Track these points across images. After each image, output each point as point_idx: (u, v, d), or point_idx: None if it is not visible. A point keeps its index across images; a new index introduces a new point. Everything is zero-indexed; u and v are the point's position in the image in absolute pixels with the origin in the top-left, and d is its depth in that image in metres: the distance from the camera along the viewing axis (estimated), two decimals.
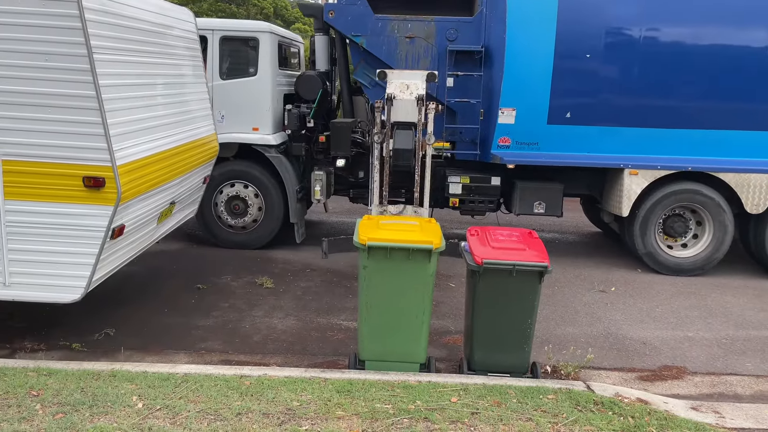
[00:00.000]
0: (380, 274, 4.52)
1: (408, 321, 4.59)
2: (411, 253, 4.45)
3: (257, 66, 8.01)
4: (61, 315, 5.74)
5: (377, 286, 4.55)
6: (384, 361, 4.68)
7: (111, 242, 4.66)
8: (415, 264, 4.48)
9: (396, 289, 4.54)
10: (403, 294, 4.55)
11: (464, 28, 8.02)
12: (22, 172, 4.44)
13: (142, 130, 5.08)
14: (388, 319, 4.60)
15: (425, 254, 4.46)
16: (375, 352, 4.69)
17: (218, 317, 6.00)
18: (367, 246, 4.44)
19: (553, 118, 7.56)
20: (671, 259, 7.76)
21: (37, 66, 4.30)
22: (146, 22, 5.43)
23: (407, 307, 4.57)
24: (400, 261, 4.47)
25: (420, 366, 4.72)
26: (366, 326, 4.65)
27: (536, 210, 8.00)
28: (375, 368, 4.67)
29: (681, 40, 7.36)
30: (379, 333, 4.63)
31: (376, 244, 4.45)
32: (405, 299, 4.56)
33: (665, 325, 6.10)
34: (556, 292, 6.96)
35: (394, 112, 7.02)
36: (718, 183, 7.56)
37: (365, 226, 4.73)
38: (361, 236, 4.51)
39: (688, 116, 7.48)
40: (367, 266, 4.52)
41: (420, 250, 4.44)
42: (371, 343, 4.67)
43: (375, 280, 4.54)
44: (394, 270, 4.50)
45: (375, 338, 4.65)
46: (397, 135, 7.01)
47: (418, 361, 4.70)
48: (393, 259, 4.47)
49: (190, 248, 8.34)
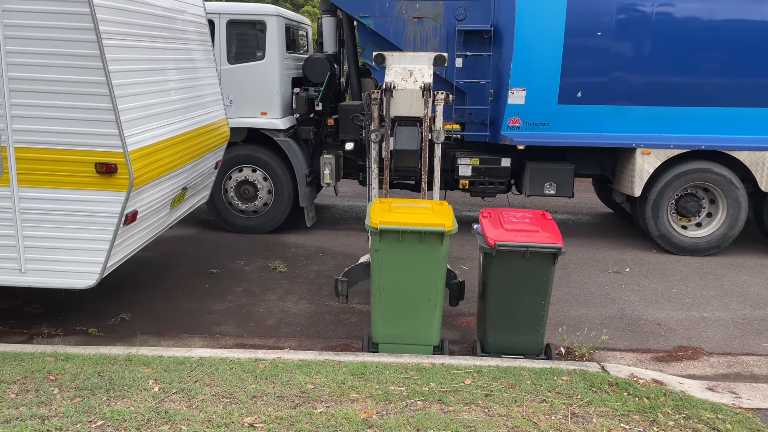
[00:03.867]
0: (392, 257, 4.52)
1: (421, 304, 4.60)
2: (423, 236, 4.44)
3: (265, 50, 7.96)
4: (77, 300, 5.79)
5: (390, 269, 4.55)
6: (397, 344, 4.71)
7: (124, 228, 4.68)
8: (428, 247, 4.47)
9: (408, 272, 4.54)
10: (415, 277, 4.55)
11: (473, 7, 7.91)
12: (36, 159, 4.46)
13: (154, 115, 5.07)
14: (401, 301, 4.61)
15: (437, 237, 4.45)
16: (388, 334, 4.71)
17: (232, 301, 6.04)
18: (379, 229, 4.44)
19: (563, 97, 7.47)
20: (686, 240, 7.68)
21: (47, 53, 4.29)
22: (156, 7, 5.40)
23: (420, 290, 4.58)
24: (412, 244, 4.47)
25: (433, 348, 4.73)
26: (379, 309, 4.66)
27: (547, 191, 7.94)
28: (388, 351, 4.69)
29: (694, 15, 7.21)
30: (391, 316, 4.65)
31: (388, 228, 4.43)
32: (418, 282, 4.57)
33: (680, 306, 6.07)
34: (570, 273, 6.93)
35: (394, 105, 5.97)
36: (732, 161, 7.46)
37: (377, 209, 4.72)
38: (373, 219, 4.50)
39: (700, 94, 7.36)
40: (380, 249, 4.53)
41: (432, 233, 4.43)
42: (384, 326, 4.69)
43: (387, 263, 4.54)
44: (406, 253, 4.50)
45: (388, 321, 4.67)
46: (398, 133, 6.03)
47: (431, 343, 4.72)
48: (405, 242, 4.47)
49: (202, 233, 8.37)
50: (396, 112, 5.99)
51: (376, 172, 6.08)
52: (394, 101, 5.95)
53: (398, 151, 6.01)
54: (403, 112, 6.01)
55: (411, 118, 6.01)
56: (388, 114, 5.92)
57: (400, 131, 6.02)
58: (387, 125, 5.90)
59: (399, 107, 5.99)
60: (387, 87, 5.91)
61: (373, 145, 6.00)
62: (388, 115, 5.92)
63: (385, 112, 5.92)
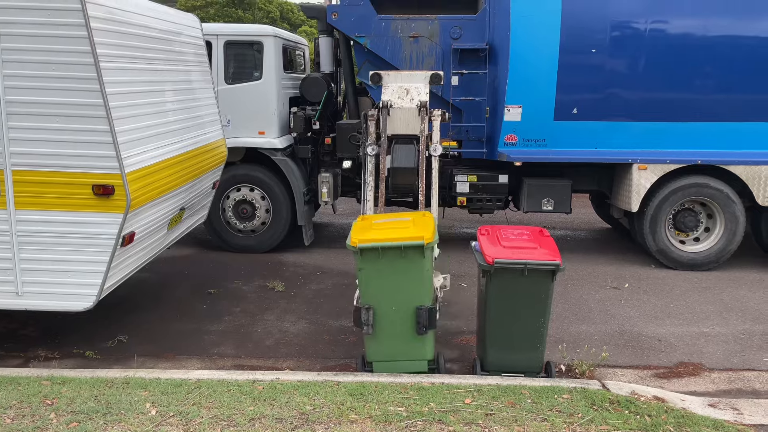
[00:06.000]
0: (377, 275, 4.46)
1: (409, 319, 4.52)
2: (403, 250, 4.38)
3: (262, 70, 8.01)
4: (74, 323, 5.76)
5: (375, 287, 4.50)
6: (391, 362, 4.64)
7: (122, 249, 4.67)
8: (409, 261, 4.41)
9: (394, 288, 4.48)
10: (401, 292, 4.49)
11: (468, 26, 7.99)
12: (32, 182, 4.46)
13: (151, 136, 5.08)
14: (390, 318, 4.53)
15: (418, 250, 4.38)
16: (381, 353, 4.65)
17: (230, 322, 6.01)
18: (358, 248, 4.39)
19: (559, 114, 7.52)
20: (685, 255, 7.67)
21: (44, 76, 4.32)
22: (153, 29, 5.44)
23: (407, 305, 4.51)
24: (393, 260, 4.40)
25: (428, 363, 4.68)
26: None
27: (545, 207, 7.95)
28: (383, 369, 4.64)
29: (687, 31, 7.28)
30: (382, 334, 4.57)
31: (367, 246, 4.39)
32: (405, 297, 4.50)
33: (680, 321, 6.05)
34: (569, 289, 6.91)
35: (391, 123, 6.03)
36: (729, 176, 7.48)
37: (358, 227, 4.72)
38: (353, 238, 4.48)
39: (696, 109, 7.40)
40: (363, 268, 4.47)
41: (412, 247, 4.36)
42: (376, 345, 4.62)
43: (372, 281, 4.49)
44: (389, 269, 4.43)
45: (380, 339, 4.59)
46: (395, 151, 6.07)
47: (425, 358, 4.66)
48: (386, 258, 4.40)
49: (200, 253, 8.35)
50: (393, 130, 6.03)
51: (371, 185, 6.00)
52: (390, 119, 5.99)
53: (396, 169, 6.01)
54: (400, 130, 6.05)
55: (408, 136, 6.02)
56: (384, 132, 5.91)
57: (397, 149, 6.03)
58: (383, 142, 5.86)
59: (396, 125, 6.04)
60: (384, 105, 5.95)
61: (369, 158, 5.98)
62: (385, 133, 5.92)
63: (381, 130, 5.91)
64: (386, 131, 5.96)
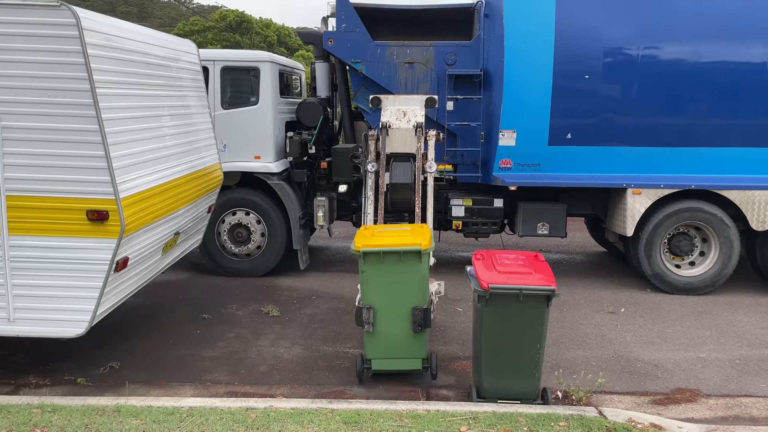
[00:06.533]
0: (377, 278, 4.88)
1: (406, 319, 4.90)
2: (402, 255, 4.80)
3: (258, 95, 8.07)
4: (65, 348, 5.70)
5: (376, 289, 4.91)
6: (387, 359, 5.03)
7: (115, 275, 4.64)
8: (407, 266, 4.83)
9: (393, 290, 4.89)
10: (399, 294, 4.89)
11: (463, 52, 8.08)
12: (26, 207, 4.46)
13: (147, 161, 5.10)
14: (388, 318, 4.92)
15: (415, 256, 4.81)
16: (380, 350, 5.02)
17: (224, 348, 5.95)
18: (362, 252, 4.81)
19: (553, 139, 7.57)
20: (680, 279, 7.67)
21: (40, 102, 4.34)
22: (150, 56, 5.49)
23: (404, 306, 4.89)
24: (393, 264, 4.83)
25: (422, 361, 5.05)
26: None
27: (540, 231, 7.97)
28: (380, 366, 5.04)
29: (679, 58, 7.35)
30: (380, 332, 4.95)
31: (369, 250, 4.81)
32: (402, 299, 4.89)
33: (677, 346, 6.02)
34: (565, 314, 6.89)
35: (389, 143, 6.58)
36: (723, 200, 7.51)
37: (361, 235, 5.15)
38: (356, 244, 4.89)
39: (689, 134, 7.45)
40: (365, 271, 4.89)
41: (410, 252, 4.80)
42: (375, 343, 5.00)
43: (373, 283, 4.90)
44: (388, 273, 4.85)
45: (377, 337, 4.97)
46: (394, 168, 6.57)
47: (419, 356, 5.03)
48: (386, 262, 4.83)
49: (195, 277, 8.31)
50: (391, 148, 6.55)
51: (371, 199, 6.46)
52: (389, 139, 6.51)
53: (394, 185, 6.51)
54: (398, 149, 6.53)
55: (405, 155, 6.49)
56: (383, 150, 6.41)
57: (395, 166, 6.52)
58: (383, 160, 6.39)
59: (394, 144, 6.56)
60: (383, 126, 6.50)
61: (369, 174, 6.47)
62: (384, 151, 6.42)
63: (381, 149, 6.37)
64: (385, 150, 6.46)
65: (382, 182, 6.45)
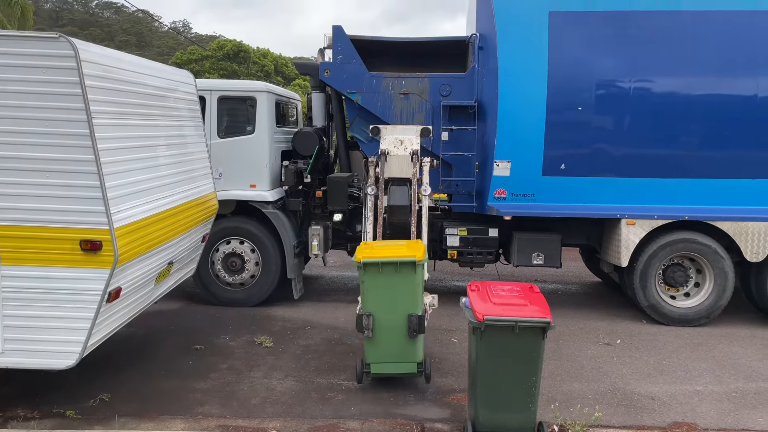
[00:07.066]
0: (376, 287, 5.32)
1: (402, 325, 5.32)
2: (399, 266, 5.26)
3: (255, 124, 8.12)
4: (55, 380, 5.61)
5: (375, 297, 5.33)
6: (385, 363, 5.45)
7: (107, 306, 4.60)
8: (404, 276, 5.29)
9: (390, 298, 5.31)
10: (396, 302, 5.31)
11: (457, 84, 8.17)
12: (19, 237, 4.42)
13: (142, 191, 5.09)
14: (386, 324, 5.34)
15: (411, 266, 5.27)
16: (378, 355, 5.44)
17: (216, 379, 5.87)
18: (362, 263, 5.26)
19: (547, 169, 7.62)
20: (675, 310, 7.65)
21: (36, 132, 4.34)
22: (147, 86, 5.52)
23: (401, 313, 5.33)
24: (390, 274, 5.28)
25: (417, 365, 5.45)
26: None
27: (535, 261, 7.97)
28: (378, 370, 5.45)
29: (671, 90, 7.45)
30: (379, 337, 5.37)
31: (369, 261, 5.26)
32: (398, 306, 5.32)
33: (673, 379, 5.97)
34: (561, 345, 6.84)
35: (388, 168, 7.10)
36: (717, 231, 7.54)
37: (362, 248, 5.63)
38: (357, 256, 5.36)
39: (682, 166, 7.52)
40: (365, 281, 5.33)
41: (406, 263, 5.26)
42: (374, 348, 5.42)
43: (372, 292, 5.33)
44: (386, 282, 5.29)
45: (376, 342, 5.38)
46: (392, 191, 7.07)
47: (414, 360, 5.45)
48: (384, 273, 5.27)
49: (188, 307, 8.23)
50: (389, 174, 7.09)
51: (371, 219, 6.95)
52: (388, 165, 7.07)
53: (392, 207, 7.00)
54: (395, 174, 7.10)
55: (402, 179, 7.06)
56: (382, 175, 6.99)
57: (393, 190, 7.06)
58: (381, 184, 6.98)
59: (392, 170, 7.10)
60: (382, 153, 7.05)
61: (369, 197, 7.00)
62: (383, 176, 6.99)
63: (380, 174, 6.98)
64: (384, 174, 7.03)
65: (381, 204, 6.96)
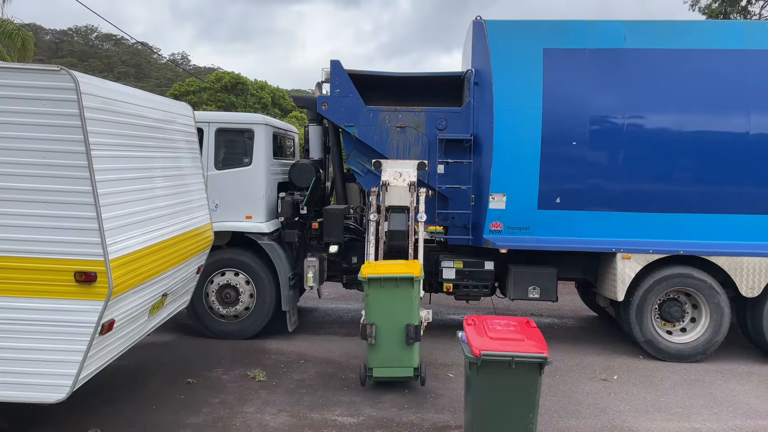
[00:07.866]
0: (378, 300, 6.09)
1: (401, 333, 6.07)
2: (398, 281, 6.06)
3: (252, 156, 8.16)
4: (45, 413, 5.50)
5: (377, 309, 6.10)
6: (387, 367, 6.17)
7: (100, 338, 4.54)
8: (403, 290, 6.08)
9: (391, 310, 6.07)
10: (396, 313, 6.07)
11: (453, 118, 8.27)
12: (11, 268, 4.38)
13: (138, 222, 5.07)
14: (386, 333, 6.08)
15: (409, 282, 6.07)
16: (379, 360, 6.16)
17: (208, 414, 5.77)
18: (367, 278, 6.07)
19: (543, 203, 7.67)
20: (672, 345, 7.60)
21: (34, 163, 4.34)
22: (146, 118, 5.56)
23: (400, 323, 6.08)
24: (391, 288, 6.08)
25: (414, 370, 6.16)
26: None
27: (531, 295, 7.95)
28: (380, 373, 6.20)
29: (663, 126, 7.55)
30: (379, 344, 6.09)
31: (373, 277, 6.07)
32: (397, 317, 6.07)
33: (671, 416, 5.91)
34: (558, 380, 6.78)
35: (388, 198, 7.71)
36: (712, 266, 7.55)
37: (366, 267, 6.41)
38: (362, 272, 6.17)
39: (677, 200, 7.57)
40: (369, 294, 6.12)
41: (405, 279, 6.06)
42: (376, 353, 6.15)
43: (374, 304, 6.11)
44: (387, 295, 6.08)
45: (378, 349, 6.11)
46: (391, 218, 7.67)
47: (411, 365, 6.17)
48: (386, 287, 6.08)
49: (181, 339, 8.14)
50: (389, 202, 7.70)
51: (373, 243, 7.48)
52: (388, 194, 7.70)
53: (392, 232, 7.56)
54: (395, 202, 7.71)
55: (401, 207, 7.68)
56: (383, 204, 7.64)
57: (393, 217, 7.65)
58: (383, 212, 7.59)
59: (392, 199, 7.71)
60: (383, 184, 7.70)
61: (371, 223, 7.54)
62: (384, 205, 7.62)
63: (381, 203, 7.63)
64: (384, 203, 7.66)
65: (382, 230, 7.53)
